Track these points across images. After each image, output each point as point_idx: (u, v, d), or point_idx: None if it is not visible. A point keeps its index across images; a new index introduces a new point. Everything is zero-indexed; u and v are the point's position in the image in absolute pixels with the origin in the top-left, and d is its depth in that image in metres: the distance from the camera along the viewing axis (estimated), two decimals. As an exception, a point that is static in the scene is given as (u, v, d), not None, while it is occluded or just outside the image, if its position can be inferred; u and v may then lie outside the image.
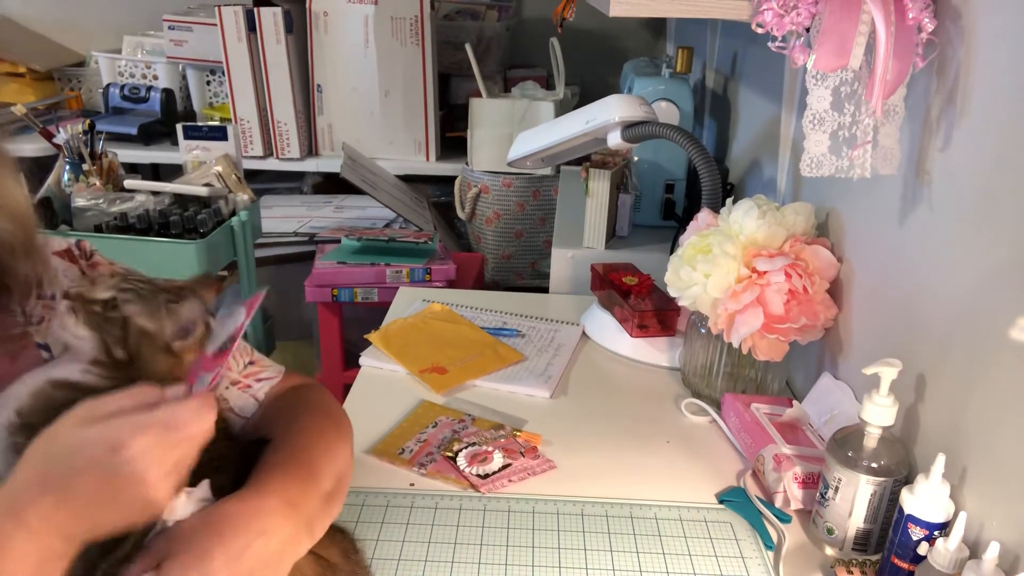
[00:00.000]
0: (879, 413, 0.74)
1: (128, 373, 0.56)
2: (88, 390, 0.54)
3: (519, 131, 1.35)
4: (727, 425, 0.99)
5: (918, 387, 0.79)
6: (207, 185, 1.66)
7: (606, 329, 1.22)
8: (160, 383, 0.53)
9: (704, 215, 1.05)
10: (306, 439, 0.65)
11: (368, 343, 1.17)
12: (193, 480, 0.53)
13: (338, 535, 0.67)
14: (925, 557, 0.67)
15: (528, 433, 0.96)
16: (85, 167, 1.61)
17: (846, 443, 0.77)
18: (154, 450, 0.48)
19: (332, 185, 2.37)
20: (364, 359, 1.14)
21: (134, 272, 0.66)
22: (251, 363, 0.74)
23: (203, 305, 0.60)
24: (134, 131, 2.27)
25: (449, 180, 2.21)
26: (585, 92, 2.40)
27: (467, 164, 2.09)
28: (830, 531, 0.78)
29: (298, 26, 2.17)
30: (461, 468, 0.89)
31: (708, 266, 0.95)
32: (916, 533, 0.68)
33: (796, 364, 1.09)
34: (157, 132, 2.31)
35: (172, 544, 0.52)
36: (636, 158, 1.54)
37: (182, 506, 0.53)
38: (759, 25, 0.75)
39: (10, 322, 0.60)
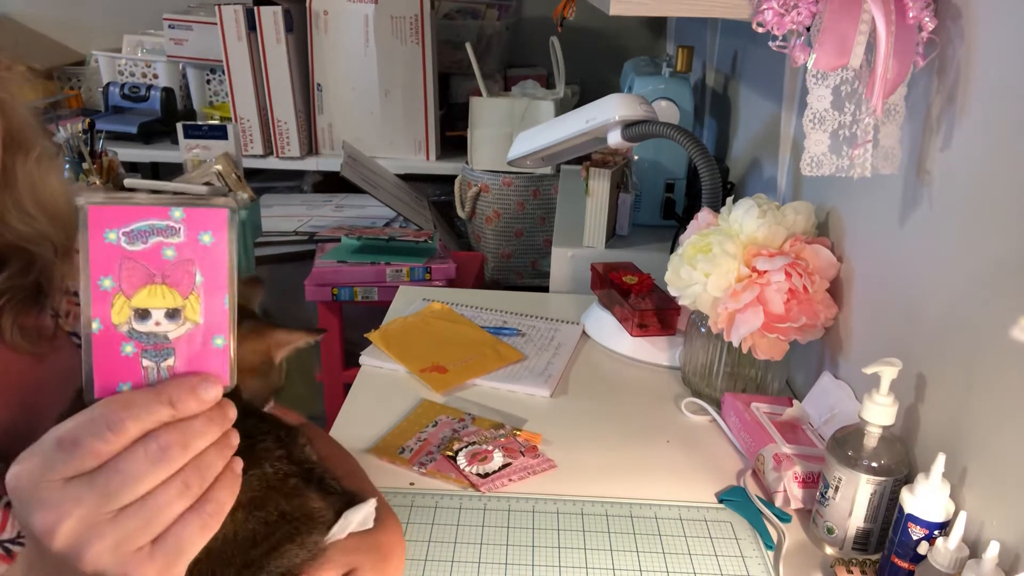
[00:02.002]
0: (879, 413, 0.74)
1: None
2: None
3: (519, 130, 1.35)
4: (727, 424, 0.99)
5: (918, 387, 0.79)
6: (207, 184, 1.66)
7: (606, 328, 1.22)
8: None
9: (704, 214, 1.05)
10: (363, 473, 0.78)
11: (368, 342, 1.17)
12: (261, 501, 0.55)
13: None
14: (925, 557, 0.67)
15: (528, 432, 0.96)
16: (85, 166, 1.62)
17: (846, 442, 0.77)
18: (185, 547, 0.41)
19: (332, 184, 2.37)
20: (364, 358, 1.14)
21: None
22: None
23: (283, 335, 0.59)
24: (134, 130, 2.27)
25: (449, 179, 2.21)
26: (585, 91, 2.40)
27: (467, 163, 2.09)
28: (830, 530, 0.78)
29: (298, 25, 2.17)
30: (461, 467, 0.89)
31: (708, 265, 0.95)
32: (916, 532, 0.68)
33: (796, 364, 1.09)
34: (157, 131, 2.31)
35: (350, 558, 0.61)
36: (636, 157, 1.54)
37: (353, 525, 0.61)
38: (759, 24, 0.75)
39: (44, 323, 0.61)
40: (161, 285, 0.41)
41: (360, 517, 0.61)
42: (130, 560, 0.39)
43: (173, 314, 0.41)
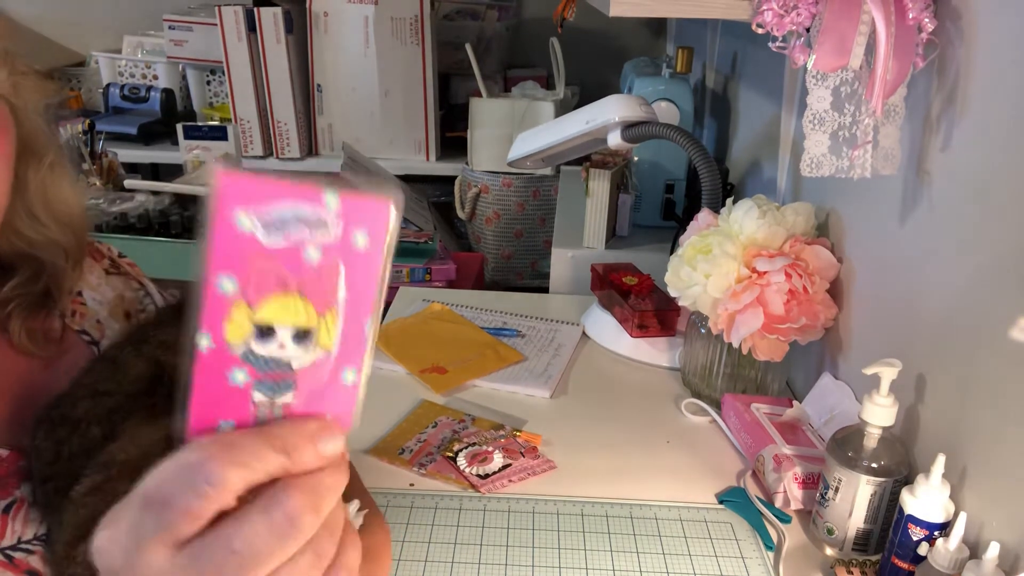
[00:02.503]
0: (879, 413, 0.74)
1: None
2: None
3: (519, 131, 1.35)
4: (727, 425, 0.99)
5: (918, 387, 0.79)
6: (207, 185, 1.66)
7: (606, 329, 1.22)
8: None
9: (704, 215, 1.05)
10: (354, 473, 0.73)
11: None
12: None
13: None
14: (925, 557, 0.67)
15: (528, 433, 0.96)
16: (85, 167, 1.62)
17: (846, 443, 0.77)
18: None
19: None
20: (364, 359, 1.14)
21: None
22: None
23: None
24: (134, 131, 2.27)
25: (449, 180, 2.21)
26: (585, 92, 2.40)
27: (467, 164, 2.09)
28: (830, 531, 0.78)
29: (298, 26, 2.17)
30: (461, 468, 0.89)
31: (708, 266, 0.95)
32: (916, 533, 0.68)
33: (796, 364, 1.09)
34: (157, 132, 2.31)
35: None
36: (636, 158, 1.54)
37: None
38: (759, 25, 0.75)
39: (52, 326, 0.61)
40: (295, 296, 0.31)
41: None
42: None
43: (303, 336, 0.32)
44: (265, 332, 0.31)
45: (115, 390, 0.55)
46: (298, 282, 0.31)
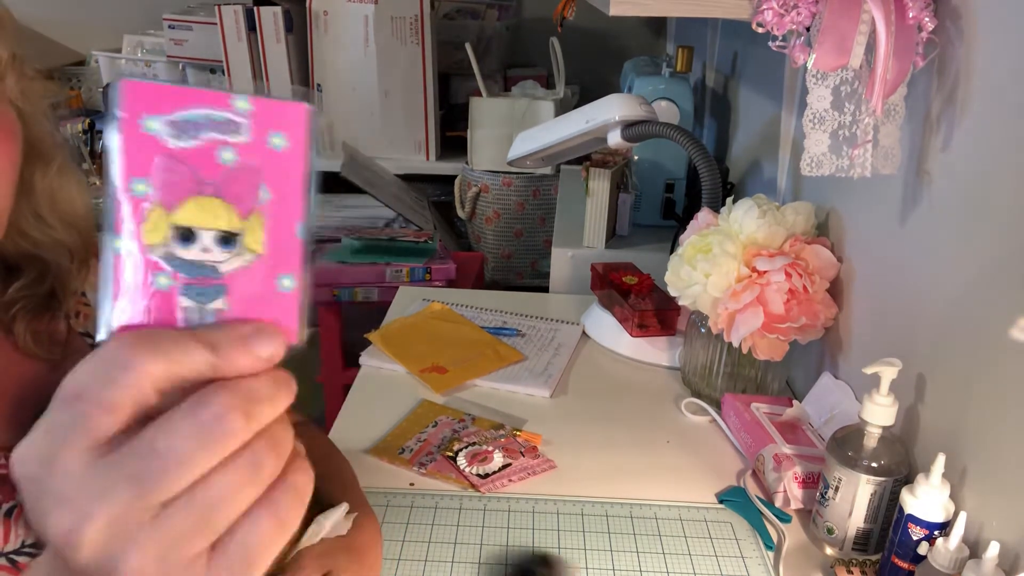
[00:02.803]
0: (879, 413, 0.74)
1: None
2: None
3: (519, 130, 1.35)
4: (727, 425, 0.99)
5: (918, 387, 0.79)
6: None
7: (606, 329, 1.22)
8: None
9: (704, 214, 1.05)
10: (350, 474, 0.77)
11: (368, 343, 1.17)
12: None
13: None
14: (925, 557, 0.67)
15: (528, 433, 0.96)
16: (85, 166, 1.62)
17: (846, 443, 0.77)
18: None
19: (332, 184, 2.37)
20: (364, 359, 1.14)
21: None
22: None
23: None
24: (134, 131, 2.26)
25: (449, 180, 2.21)
26: (585, 92, 2.40)
27: (467, 163, 2.09)
28: (830, 531, 0.78)
29: (298, 25, 2.17)
30: (461, 468, 0.89)
31: (708, 265, 0.95)
32: (916, 533, 0.68)
33: (796, 364, 1.09)
34: (157, 132, 2.31)
35: (324, 561, 0.62)
36: (636, 157, 1.54)
37: (326, 530, 0.60)
38: (759, 24, 0.75)
39: (57, 328, 0.61)
40: (214, 198, 0.30)
41: (331, 523, 0.60)
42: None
43: (228, 239, 0.31)
44: (185, 235, 0.30)
45: None
46: (215, 184, 0.30)
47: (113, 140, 0.30)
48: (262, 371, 0.30)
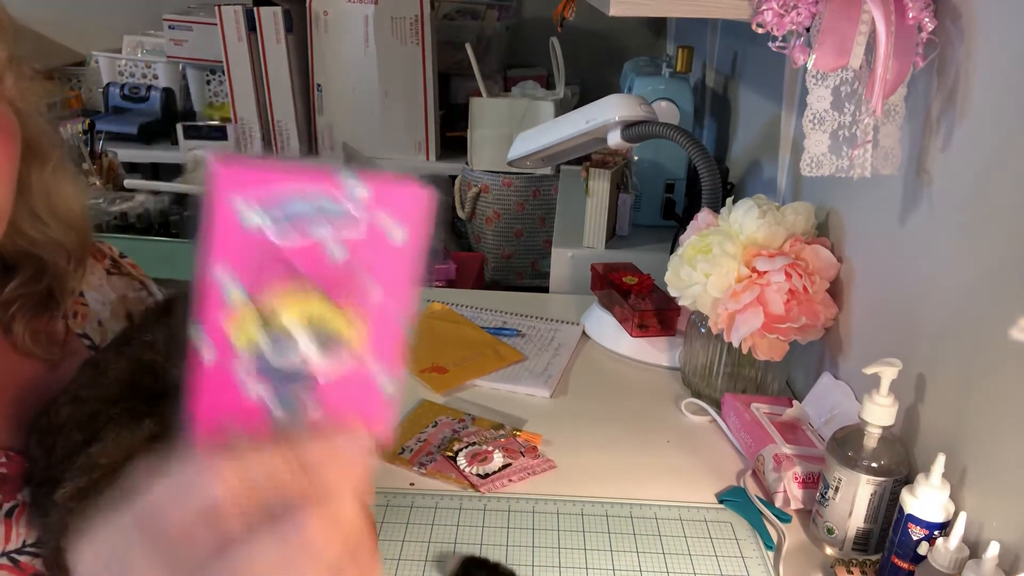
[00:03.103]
0: (879, 413, 0.74)
1: None
2: None
3: (519, 131, 1.35)
4: (727, 425, 0.99)
5: (918, 387, 0.79)
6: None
7: (606, 329, 1.22)
8: None
9: (704, 215, 1.05)
10: None
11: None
12: None
13: None
14: (925, 557, 0.67)
15: (528, 433, 0.96)
16: (85, 166, 1.62)
17: (846, 443, 0.77)
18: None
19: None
20: (364, 359, 1.14)
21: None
22: None
23: None
24: (134, 131, 2.26)
25: (449, 180, 2.21)
26: (585, 92, 2.40)
27: (467, 164, 2.09)
28: (830, 531, 0.78)
29: (298, 26, 2.17)
30: (461, 468, 0.89)
31: (708, 266, 0.95)
32: (916, 533, 0.68)
33: (796, 364, 1.09)
34: (157, 132, 2.31)
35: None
36: (636, 158, 1.54)
37: None
38: (759, 25, 0.75)
39: (55, 328, 0.61)
40: (316, 296, 0.27)
41: None
42: None
43: (328, 341, 0.27)
44: (283, 341, 0.27)
45: (94, 395, 0.55)
46: (320, 281, 0.27)
47: (205, 229, 0.26)
48: (352, 485, 0.28)
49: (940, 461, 0.67)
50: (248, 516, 0.27)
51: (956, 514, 0.65)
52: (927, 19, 0.70)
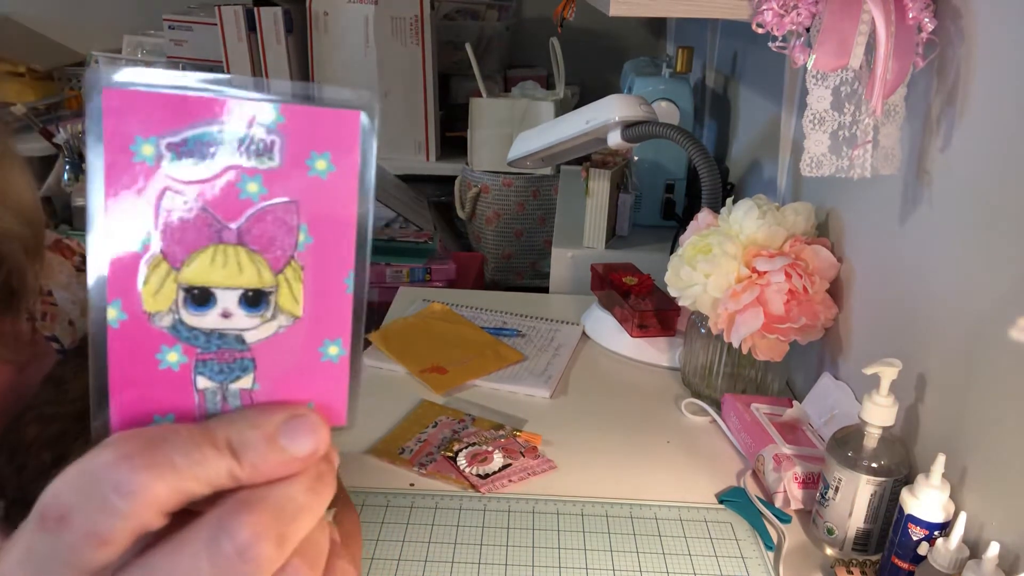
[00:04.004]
0: (879, 413, 0.74)
1: None
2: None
3: (519, 131, 1.35)
4: (727, 425, 0.99)
5: (918, 387, 0.79)
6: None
7: (606, 329, 1.22)
8: None
9: (704, 215, 1.05)
10: None
11: (368, 343, 1.17)
12: None
13: None
14: (925, 557, 0.67)
15: (528, 433, 0.96)
16: (85, 166, 1.62)
17: (846, 443, 0.77)
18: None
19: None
20: (364, 359, 1.14)
21: None
22: None
23: None
24: (134, 131, 2.26)
25: (449, 180, 2.21)
26: (585, 92, 2.40)
27: (467, 164, 2.09)
28: (830, 531, 0.78)
29: (298, 26, 2.17)
30: (461, 468, 0.89)
31: (708, 266, 0.95)
32: (916, 533, 0.68)
33: (796, 364, 1.09)
34: (157, 132, 2.31)
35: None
36: (636, 158, 1.54)
37: None
38: (759, 25, 0.75)
39: (20, 328, 0.60)
40: (236, 246, 0.23)
41: None
42: None
43: (256, 299, 0.24)
44: (200, 297, 0.23)
45: (59, 413, 0.54)
46: (237, 228, 0.23)
47: (94, 171, 0.22)
48: (298, 473, 0.24)
49: (940, 461, 0.67)
50: (172, 516, 0.23)
51: (956, 514, 0.65)
52: (927, 19, 0.70)
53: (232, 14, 2.11)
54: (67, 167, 1.62)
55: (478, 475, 0.88)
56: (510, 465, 0.90)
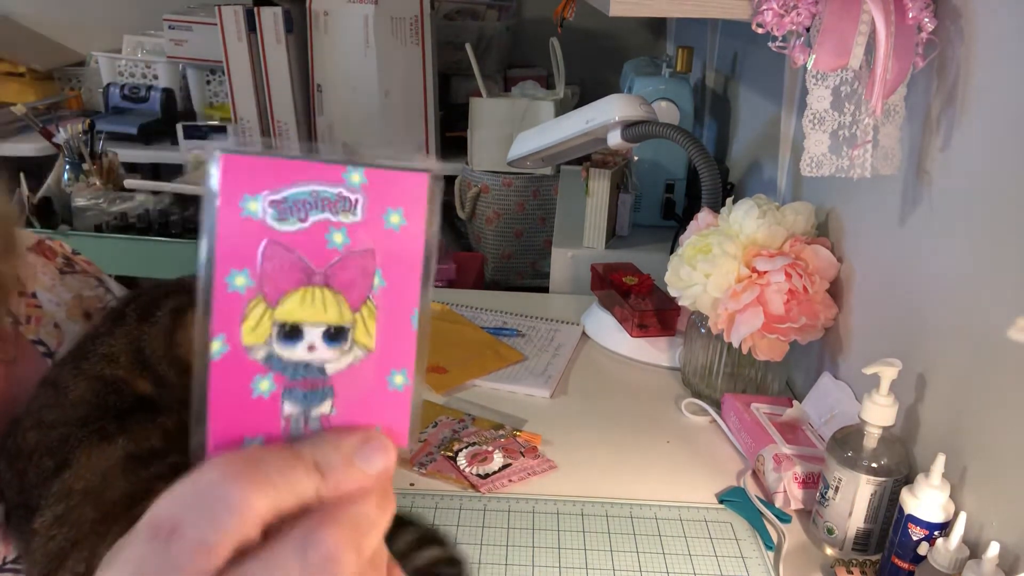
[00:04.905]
0: (879, 413, 0.74)
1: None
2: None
3: (519, 131, 1.35)
4: (727, 425, 0.99)
5: (918, 387, 0.79)
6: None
7: (606, 329, 1.22)
8: None
9: (704, 215, 1.05)
10: None
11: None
12: None
13: None
14: (925, 557, 0.67)
15: (528, 433, 0.96)
16: (85, 167, 1.62)
17: (846, 443, 0.77)
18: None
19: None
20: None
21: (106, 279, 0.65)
22: None
23: None
24: (134, 131, 2.26)
25: (449, 180, 2.21)
26: (585, 92, 2.40)
27: (467, 164, 2.09)
28: (830, 531, 0.78)
29: (298, 26, 2.17)
30: (461, 468, 0.89)
31: (708, 266, 0.95)
32: (916, 533, 0.68)
33: (796, 364, 1.09)
34: (157, 132, 2.31)
35: None
36: (636, 158, 1.54)
37: None
38: (759, 25, 0.75)
39: (3, 329, 0.58)
40: (323, 288, 0.27)
41: None
42: None
43: (337, 334, 0.28)
44: (290, 332, 0.27)
45: (59, 419, 0.54)
46: (324, 272, 0.27)
47: (208, 224, 0.26)
48: (371, 490, 0.28)
49: (940, 461, 0.67)
50: (266, 527, 0.26)
51: (956, 514, 0.65)
52: (927, 19, 0.70)
53: (232, 14, 2.11)
54: (67, 167, 1.62)
55: (478, 475, 0.88)
56: (510, 465, 0.90)
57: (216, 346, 0.27)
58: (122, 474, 0.51)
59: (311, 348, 0.28)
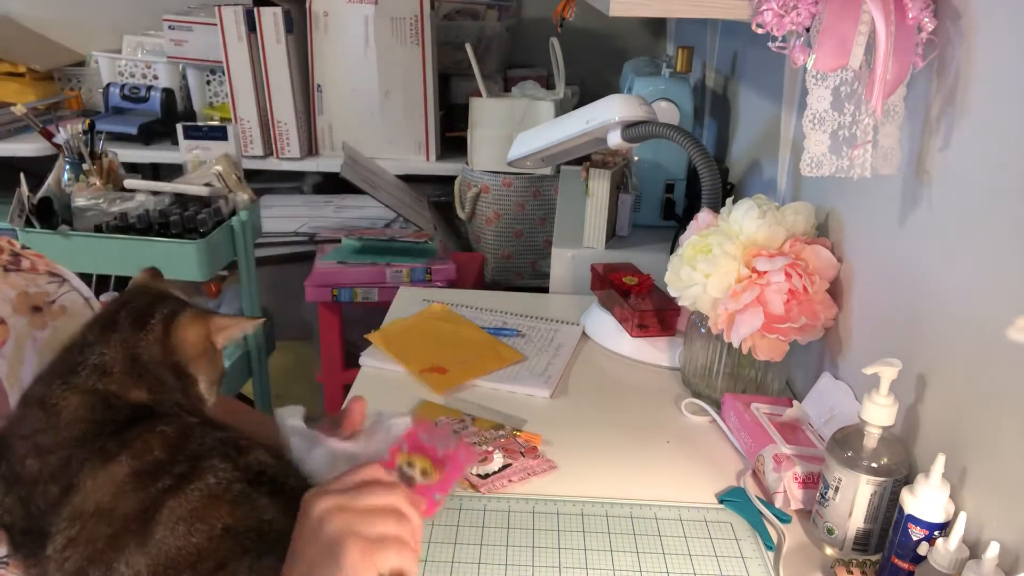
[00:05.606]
0: (879, 413, 0.74)
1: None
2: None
3: (519, 131, 1.35)
4: (727, 425, 0.99)
5: (918, 387, 0.79)
6: (207, 185, 1.66)
7: (606, 329, 1.22)
8: None
9: (704, 215, 1.05)
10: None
11: (368, 343, 1.17)
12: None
13: None
14: (925, 557, 0.67)
15: (528, 433, 0.96)
16: (85, 167, 1.61)
17: (846, 443, 0.77)
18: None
19: (332, 185, 2.37)
20: (364, 359, 1.14)
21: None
22: None
23: None
24: (134, 131, 2.27)
25: (449, 180, 2.21)
26: (585, 92, 2.40)
27: (467, 164, 2.09)
28: (830, 531, 0.78)
29: (298, 26, 2.17)
30: (461, 468, 0.89)
31: (708, 266, 0.95)
32: (916, 533, 0.68)
33: (796, 364, 1.09)
34: (157, 132, 2.31)
35: None
36: (636, 158, 1.54)
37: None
38: (759, 25, 0.75)
39: None
40: (426, 459, 0.60)
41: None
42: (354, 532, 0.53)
43: (424, 472, 0.60)
44: (412, 466, 0.59)
45: (56, 443, 0.54)
46: (432, 457, 0.60)
47: (401, 445, 0.61)
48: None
49: (940, 461, 0.67)
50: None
51: (956, 514, 0.65)
52: (927, 19, 0.70)
53: (232, 14, 2.11)
54: (67, 167, 1.62)
55: (478, 475, 0.88)
56: (510, 465, 0.90)
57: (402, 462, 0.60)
58: (132, 491, 0.52)
59: (416, 472, 0.60)
